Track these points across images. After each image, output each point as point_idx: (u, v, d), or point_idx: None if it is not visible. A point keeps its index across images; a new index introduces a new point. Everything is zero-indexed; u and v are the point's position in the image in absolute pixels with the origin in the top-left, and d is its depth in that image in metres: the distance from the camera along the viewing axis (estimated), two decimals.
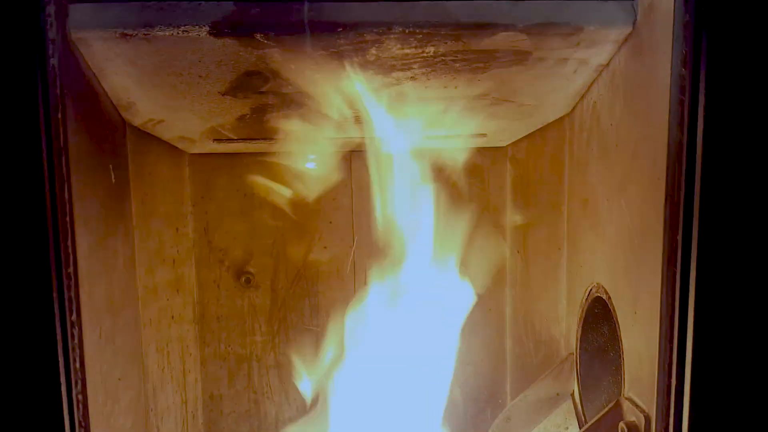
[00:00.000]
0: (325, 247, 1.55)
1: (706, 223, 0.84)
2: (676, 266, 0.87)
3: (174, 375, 1.52)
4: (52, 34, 0.78)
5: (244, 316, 1.61)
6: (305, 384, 1.55)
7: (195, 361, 1.59)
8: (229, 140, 1.41)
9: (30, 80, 0.76)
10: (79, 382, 0.81)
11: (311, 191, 1.56)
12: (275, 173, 1.54)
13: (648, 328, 1.01)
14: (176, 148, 1.47)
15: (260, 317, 1.61)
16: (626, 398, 1.10)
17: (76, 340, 0.80)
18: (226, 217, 1.56)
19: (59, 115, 0.78)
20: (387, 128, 1.38)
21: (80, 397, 0.81)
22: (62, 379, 0.76)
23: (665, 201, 0.89)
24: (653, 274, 0.97)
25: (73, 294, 0.79)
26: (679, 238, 0.85)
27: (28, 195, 0.76)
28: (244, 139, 1.41)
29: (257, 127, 1.34)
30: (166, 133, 1.39)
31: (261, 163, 1.54)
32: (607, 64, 1.13)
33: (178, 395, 1.53)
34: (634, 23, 1.02)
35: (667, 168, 0.88)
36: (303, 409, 1.62)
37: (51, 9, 0.79)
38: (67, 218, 0.79)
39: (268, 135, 1.40)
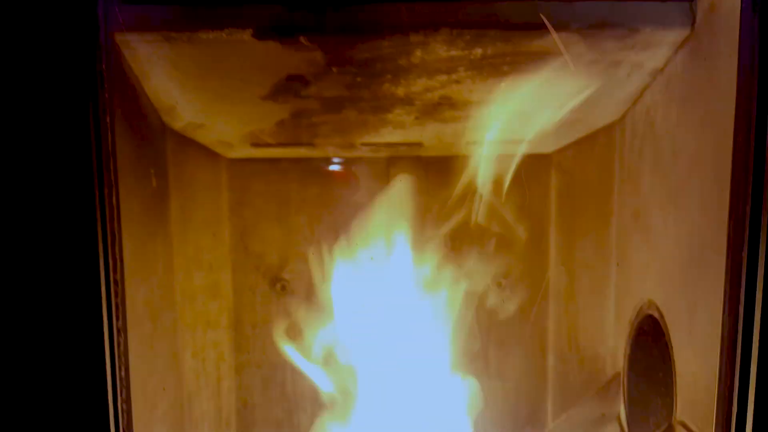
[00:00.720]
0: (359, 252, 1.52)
1: None
2: (740, 287, 0.81)
3: (209, 382, 1.50)
4: (101, 37, 0.77)
5: (280, 323, 1.58)
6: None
7: (229, 368, 1.57)
8: (268, 145, 1.40)
9: (80, 84, 0.75)
10: (124, 390, 0.79)
11: (348, 197, 1.53)
12: (313, 179, 1.52)
13: (705, 349, 0.95)
14: (214, 152, 1.46)
15: (295, 324, 1.59)
16: (679, 422, 1.04)
17: (122, 348, 0.78)
18: (262, 223, 1.54)
19: (108, 119, 0.77)
20: (428, 133, 1.35)
21: (125, 406, 0.80)
22: (109, 388, 0.74)
23: (729, 216, 0.83)
24: (712, 294, 0.91)
25: (119, 300, 0.78)
26: (744, 255, 0.80)
27: (78, 199, 0.75)
28: (282, 144, 1.40)
29: (296, 132, 1.33)
30: (205, 138, 1.38)
31: (298, 168, 1.52)
32: (663, 69, 1.08)
33: (212, 403, 1.52)
34: (692, 25, 0.97)
35: (732, 182, 0.82)
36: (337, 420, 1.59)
37: (101, 13, 0.78)
38: (115, 224, 0.77)
39: (306, 140, 1.38)
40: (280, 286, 1.56)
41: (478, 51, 1.00)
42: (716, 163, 0.91)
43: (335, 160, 1.53)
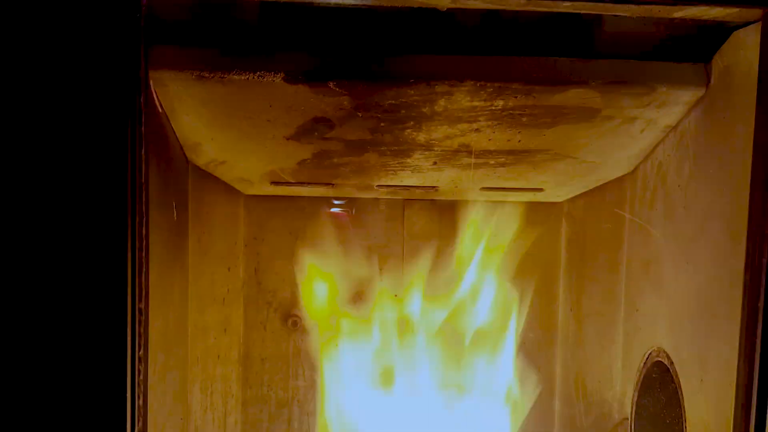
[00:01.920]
0: (374, 295, 1.54)
1: None
2: (755, 335, 0.84)
3: (216, 416, 1.50)
4: (141, 73, 0.80)
5: (288, 360, 1.59)
6: None
7: (237, 403, 1.57)
8: (287, 183, 1.42)
9: (120, 117, 0.78)
10: (141, 419, 0.80)
11: (362, 238, 1.55)
12: (328, 218, 1.55)
13: (717, 397, 0.97)
14: (233, 189, 1.49)
15: (304, 361, 1.59)
16: None
17: (141, 376, 0.80)
18: (277, 259, 1.56)
19: (143, 152, 0.80)
20: (443, 179, 1.39)
21: None
22: (128, 416, 0.76)
23: (745, 268, 0.86)
24: (726, 342, 0.93)
25: (142, 329, 0.79)
26: (761, 305, 0.82)
27: (110, 228, 0.77)
28: (301, 183, 1.43)
29: (316, 172, 1.36)
30: (226, 174, 1.41)
31: (315, 206, 1.55)
32: (675, 126, 1.12)
33: None
34: (707, 86, 1.01)
35: (748, 235, 0.85)
36: None
37: (141, 50, 0.82)
38: (144, 254, 0.79)
39: (325, 180, 1.41)
40: (291, 322, 1.57)
41: (500, 102, 1.04)
42: (729, 216, 0.94)
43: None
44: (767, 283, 0.82)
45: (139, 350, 0.80)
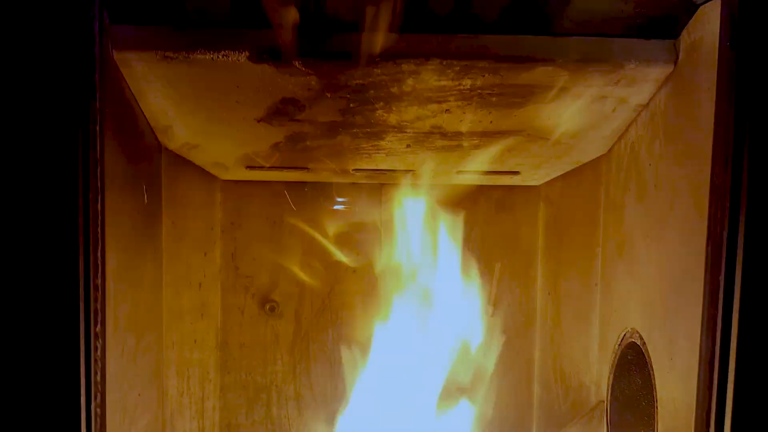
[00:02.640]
0: (351, 275, 1.53)
1: (750, 264, 0.81)
2: (717, 309, 0.83)
3: (193, 401, 1.50)
4: (95, 48, 0.80)
5: (266, 345, 1.59)
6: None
7: (214, 388, 1.57)
8: (262, 168, 1.42)
9: (71, 91, 0.78)
10: (99, 395, 0.80)
11: (339, 221, 1.55)
12: (305, 202, 1.54)
13: (685, 375, 0.97)
14: (209, 173, 1.49)
15: (282, 346, 1.59)
16: None
17: (99, 353, 0.79)
18: (254, 244, 1.56)
19: (96, 127, 0.79)
20: (418, 162, 1.38)
21: (99, 410, 0.80)
22: (82, 390, 0.75)
23: (707, 241, 0.85)
24: (692, 319, 0.93)
25: (99, 306, 0.79)
26: (722, 279, 0.82)
27: (62, 203, 0.77)
28: (276, 167, 1.42)
29: (290, 155, 1.35)
30: (200, 158, 1.40)
31: (292, 191, 1.54)
32: (647, 104, 1.11)
33: (195, 422, 1.51)
34: (675, 62, 1.01)
35: (710, 208, 0.85)
36: None
37: (96, 25, 0.81)
38: (99, 229, 0.79)
39: (300, 164, 1.41)
40: (269, 307, 1.57)
41: (468, 82, 1.03)
42: (696, 193, 0.93)
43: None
44: (728, 257, 0.81)
45: (96, 326, 0.80)
